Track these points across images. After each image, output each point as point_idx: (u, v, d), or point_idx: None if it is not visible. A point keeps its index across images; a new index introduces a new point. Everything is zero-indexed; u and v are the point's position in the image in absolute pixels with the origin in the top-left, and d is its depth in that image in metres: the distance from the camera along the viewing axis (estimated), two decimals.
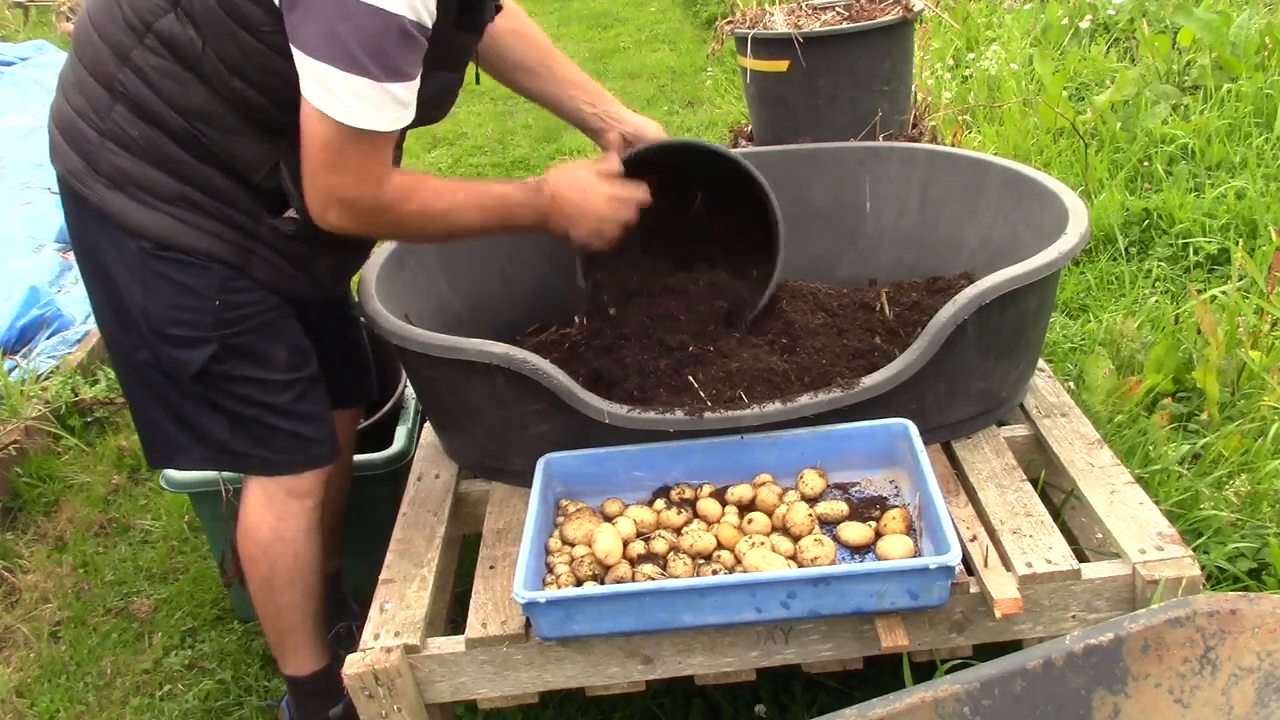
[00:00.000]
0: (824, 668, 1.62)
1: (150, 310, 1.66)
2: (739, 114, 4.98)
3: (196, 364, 1.68)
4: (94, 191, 1.63)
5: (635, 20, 7.70)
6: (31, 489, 2.92)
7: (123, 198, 1.62)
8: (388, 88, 1.47)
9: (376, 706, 1.58)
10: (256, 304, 1.71)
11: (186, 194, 1.62)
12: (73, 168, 1.65)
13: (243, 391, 1.73)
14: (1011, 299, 1.71)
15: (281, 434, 1.77)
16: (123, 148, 1.61)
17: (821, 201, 2.34)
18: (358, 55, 1.43)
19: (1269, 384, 2.27)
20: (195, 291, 1.66)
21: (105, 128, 1.61)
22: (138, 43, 1.56)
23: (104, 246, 1.67)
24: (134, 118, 1.59)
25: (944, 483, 1.69)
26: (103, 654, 2.35)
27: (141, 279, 1.65)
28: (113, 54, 1.58)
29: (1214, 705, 1.15)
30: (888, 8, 2.63)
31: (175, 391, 1.73)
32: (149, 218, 1.62)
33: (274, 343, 1.74)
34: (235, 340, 1.70)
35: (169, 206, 1.62)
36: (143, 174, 1.61)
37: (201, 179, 1.62)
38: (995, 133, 3.91)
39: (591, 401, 1.70)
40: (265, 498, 1.81)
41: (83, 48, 1.64)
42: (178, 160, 1.61)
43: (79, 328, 3.52)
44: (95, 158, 1.62)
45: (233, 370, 1.71)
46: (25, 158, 4.63)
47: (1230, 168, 3.47)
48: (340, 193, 1.55)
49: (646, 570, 1.58)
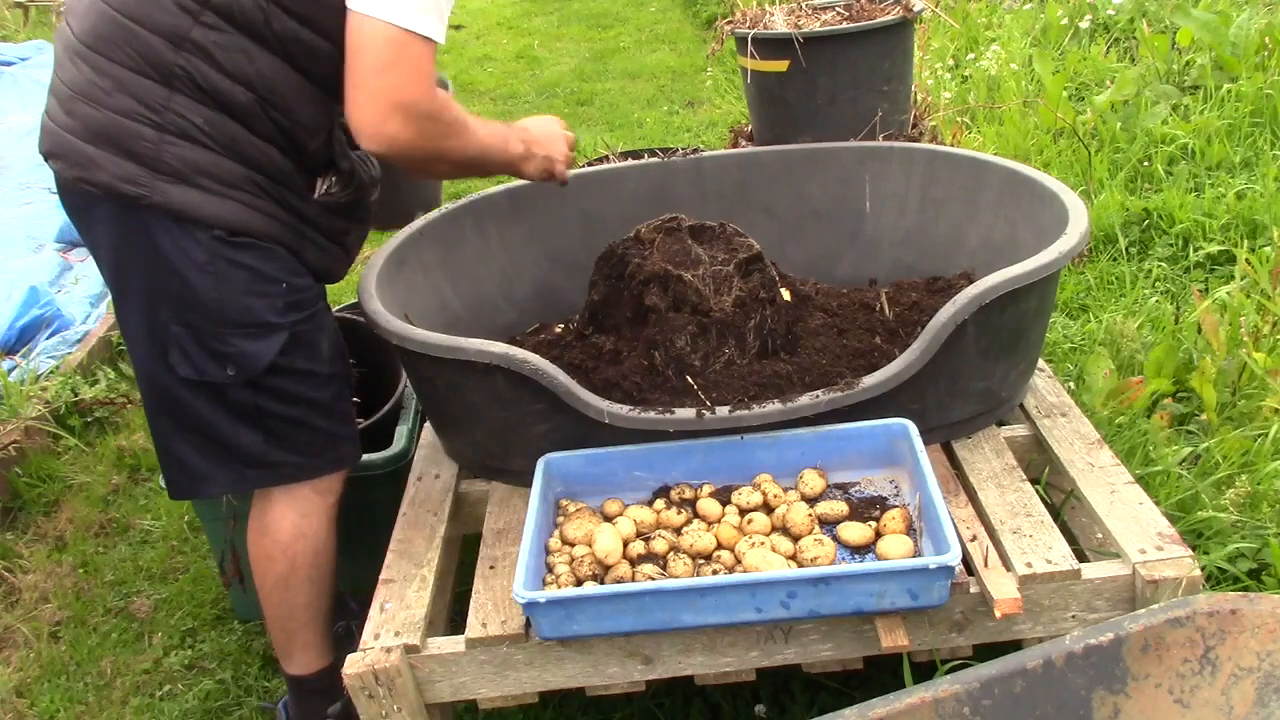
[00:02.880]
0: (824, 668, 1.62)
1: (225, 302, 1.66)
2: (739, 114, 4.98)
3: (269, 356, 1.70)
4: (155, 190, 1.60)
5: (635, 20, 7.70)
6: (31, 489, 2.92)
7: (190, 190, 1.61)
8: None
9: (376, 706, 1.58)
10: (310, 289, 1.76)
11: (251, 176, 1.65)
12: (124, 174, 1.61)
13: (296, 388, 1.75)
14: (1011, 299, 1.71)
15: (320, 435, 1.80)
16: (186, 139, 1.60)
17: (821, 201, 2.35)
18: None
19: (1271, 386, 2.26)
20: (267, 276, 1.68)
21: (164, 121, 1.59)
22: (194, 22, 1.57)
23: (163, 248, 1.64)
24: (195, 105, 1.60)
25: (944, 483, 1.69)
26: (103, 654, 2.35)
27: (214, 270, 1.65)
28: (166, 42, 1.57)
29: (1214, 705, 1.15)
30: (888, 8, 2.63)
31: (210, 408, 1.72)
32: (220, 206, 1.63)
33: (323, 333, 1.79)
34: (300, 328, 1.73)
35: (236, 192, 1.64)
36: (210, 161, 1.62)
37: (263, 159, 1.65)
38: (995, 133, 3.91)
39: (591, 401, 1.70)
40: (289, 495, 1.82)
41: (114, 48, 1.59)
42: (242, 141, 1.63)
43: (79, 328, 3.52)
44: (155, 156, 1.60)
45: (293, 363, 1.74)
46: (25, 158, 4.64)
47: (1230, 168, 3.47)
48: (400, 94, 1.58)
49: (646, 570, 1.58)
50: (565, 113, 5.77)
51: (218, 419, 1.73)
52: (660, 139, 5.07)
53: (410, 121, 1.61)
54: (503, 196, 2.31)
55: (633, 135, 5.21)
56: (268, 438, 1.76)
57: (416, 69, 1.58)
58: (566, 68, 6.69)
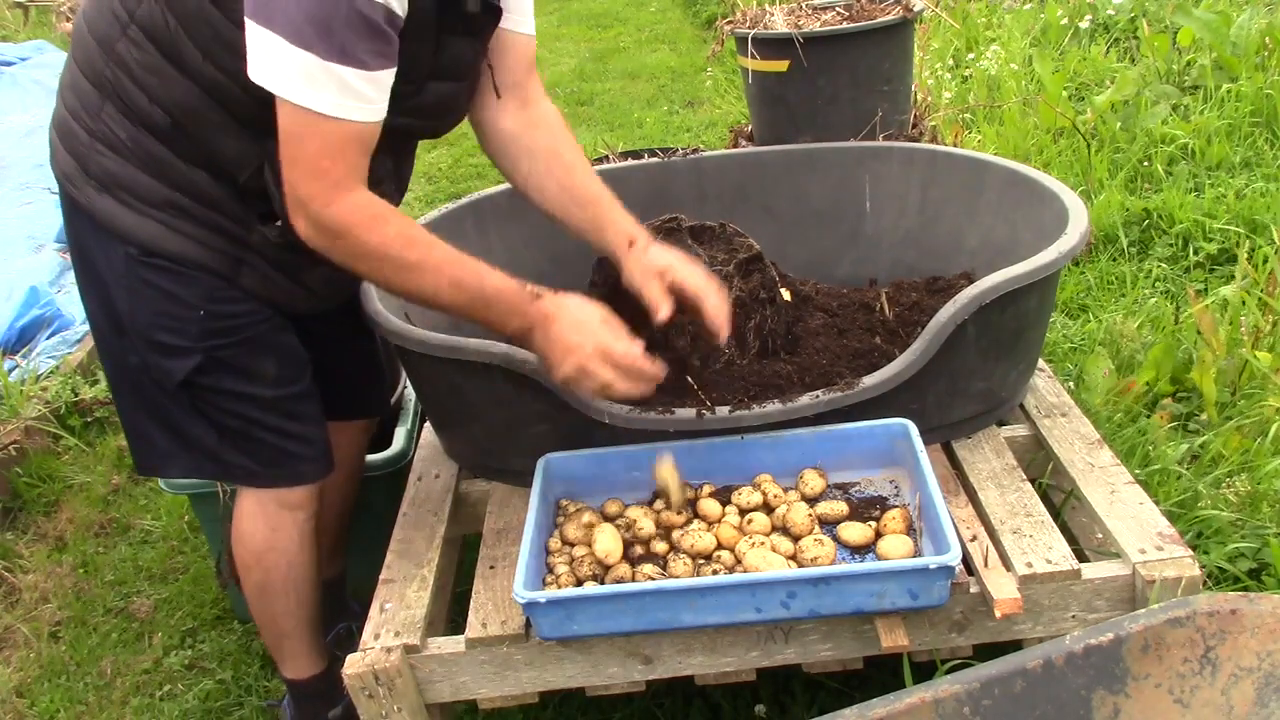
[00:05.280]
0: (824, 668, 1.62)
1: (137, 317, 1.62)
2: (739, 114, 4.98)
3: (180, 374, 1.63)
4: (84, 194, 1.59)
5: (635, 20, 7.70)
6: (31, 489, 2.92)
7: (111, 201, 1.57)
8: (333, 68, 1.34)
9: (376, 706, 1.58)
10: (246, 315, 1.65)
11: (174, 199, 1.57)
12: (66, 170, 1.61)
13: (229, 405, 1.69)
14: (1011, 299, 1.71)
15: (269, 448, 1.73)
16: (111, 149, 1.56)
17: (821, 201, 2.34)
18: (302, 27, 1.32)
19: (1272, 383, 2.26)
20: (181, 300, 1.60)
21: (95, 128, 1.56)
22: (121, 34, 1.51)
23: (94, 250, 1.62)
24: (121, 117, 1.54)
25: (944, 483, 1.69)
26: (103, 654, 2.35)
27: (128, 285, 1.60)
28: (100, 49, 1.54)
29: (1214, 705, 1.15)
30: (888, 8, 2.63)
31: (164, 397, 1.69)
32: (136, 223, 1.57)
33: (263, 356, 1.68)
34: (221, 353, 1.64)
35: (157, 212, 1.57)
36: (131, 177, 1.56)
37: (189, 183, 1.56)
38: (995, 133, 3.91)
39: (591, 401, 1.70)
40: (258, 507, 1.79)
41: (76, 47, 1.61)
42: (165, 162, 1.55)
43: (79, 328, 3.52)
44: (86, 159, 1.58)
45: (218, 383, 1.66)
46: (25, 158, 4.63)
47: (1230, 168, 3.47)
48: (295, 189, 1.43)
49: (646, 570, 1.58)
50: (565, 112, 5.71)
51: (172, 407, 1.70)
52: (660, 139, 5.07)
53: (311, 227, 1.45)
54: (503, 196, 2.31)
55: (633, 135, 5.21)
56: (220, 435, 1.72)
57: (311, 160, 1.38)
58: (566, 68, 6.69)
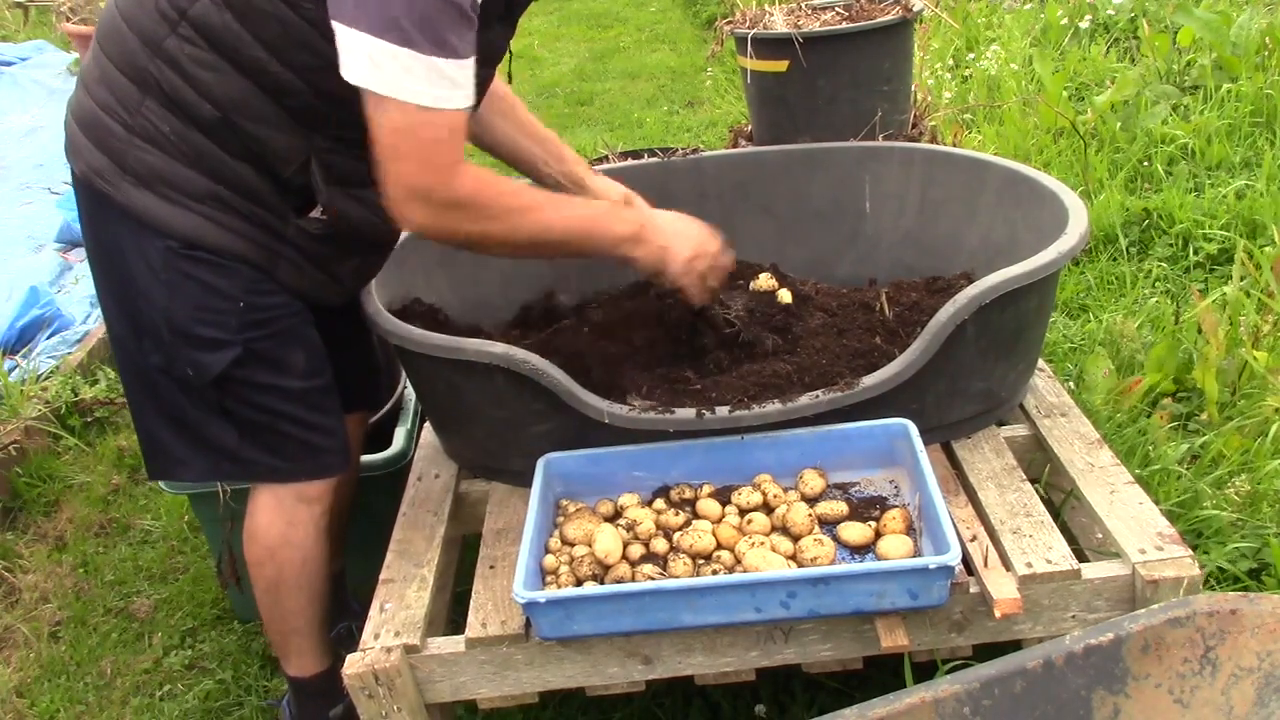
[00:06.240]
0: (824, 668, 1.62)
1: (174, 311, 1.64)
2: (739, 114, 4.98)
3: (218, 367, 1.66)
4: (119, 189, 1.60)
5: (635, 20, 7.69)
6: (31, 489, 2.92)
7: (150, 196, 1.59)
8: (435, 62, 1.40)
9: (376, 706, 1.58)
10: (281, 308, 1.69)
11: (217, 192, 1.59)
12: (96, 165, 1.61)
13: (259, 399, 1.71)
14: (1011, 299, 1.71)
15: (294, 442, 1.76)
16: (152, 144, 1.58)
17: (821, 201, 2.34)
18: (397, 23, 1.37)
19: (1271, 384, 2.26)
20: (221, 293, 1.63)
21: (134, 123, 1.58)
22: (170, 32, 1.53)
23: (126, 246, 1.64)
24: (165, 112, 1.57)
25: (944, 483, 1.69)
26: (103, 654, 2.35)
27: (166, 279, 1.62)
28: (143, 45, 1.56)
29: (1214, 705, 1.15)
30: (888, 8, 2.63)
31: (184, 398, 1.70)
32: (177, 216, 1.59)
33: (294, 349, 1.72)
34: (258, 345, 1.67)
35: (199, 205, 1.60)
36: (173, 171, 1.58)
37: (233, 176, 1.59)
38: (995, 133, 3.91)
39: (591, 401, 1.70)
40: (275, 502, 1.80)
41: (109, 42, 1.61)
42: (210, 156, 1.58)
43: (79, 328, 3.52)
44: (123, 155, 1.59)
45: (252, 376, 1.69)
46: (25, 158, 4.64)
47: (1230, 168, 3.47)
48: (409, 181, 1.47)
49: (646, 570, 1.58)
50: (565, 112, 5.78)
51: (190, 409, 1.71)
52: (660, 139, 5.07)
53: (432, 210, 1.50)
54: None
55: (633, 135, 5.21)
56: (241, 434, 1.73)
57: (430, 153, 1.45)
58: (566, 68, 6.68)
